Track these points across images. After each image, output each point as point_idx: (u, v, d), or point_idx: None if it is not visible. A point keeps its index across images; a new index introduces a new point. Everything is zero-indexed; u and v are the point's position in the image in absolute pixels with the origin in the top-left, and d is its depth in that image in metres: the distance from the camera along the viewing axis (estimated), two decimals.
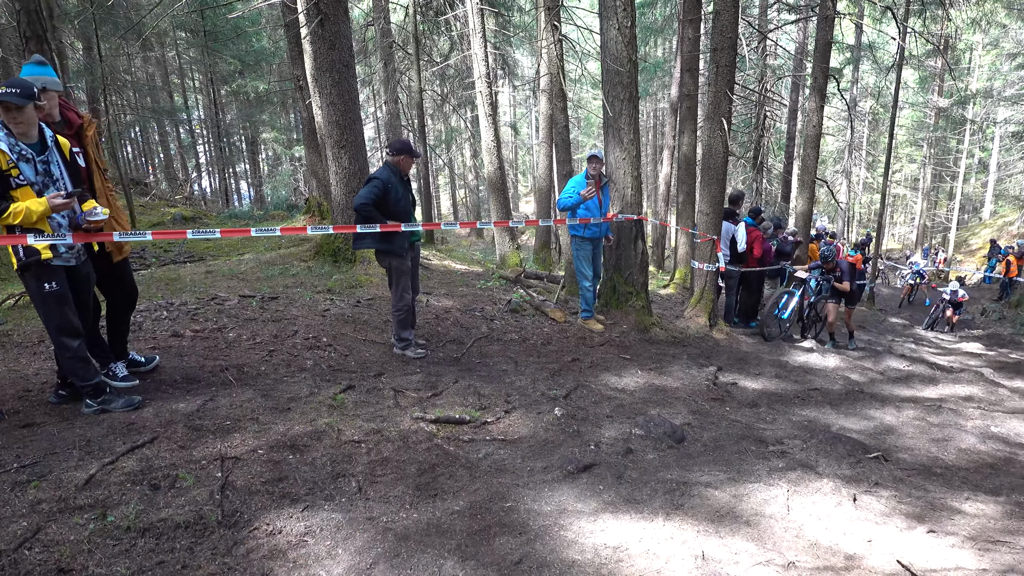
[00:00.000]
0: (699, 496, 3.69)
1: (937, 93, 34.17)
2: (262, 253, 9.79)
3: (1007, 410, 6.67)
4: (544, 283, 10.32)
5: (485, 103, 12.64)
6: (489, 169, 13.26)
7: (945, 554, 3.21)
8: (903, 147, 39.41)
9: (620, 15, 7.76)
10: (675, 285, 12.66)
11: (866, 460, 4.57)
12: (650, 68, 23.86)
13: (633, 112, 8.12)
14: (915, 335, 13.26)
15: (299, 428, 3.90)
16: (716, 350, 8.21)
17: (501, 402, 4.99)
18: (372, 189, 5.60)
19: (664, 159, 19.14)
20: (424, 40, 19.43)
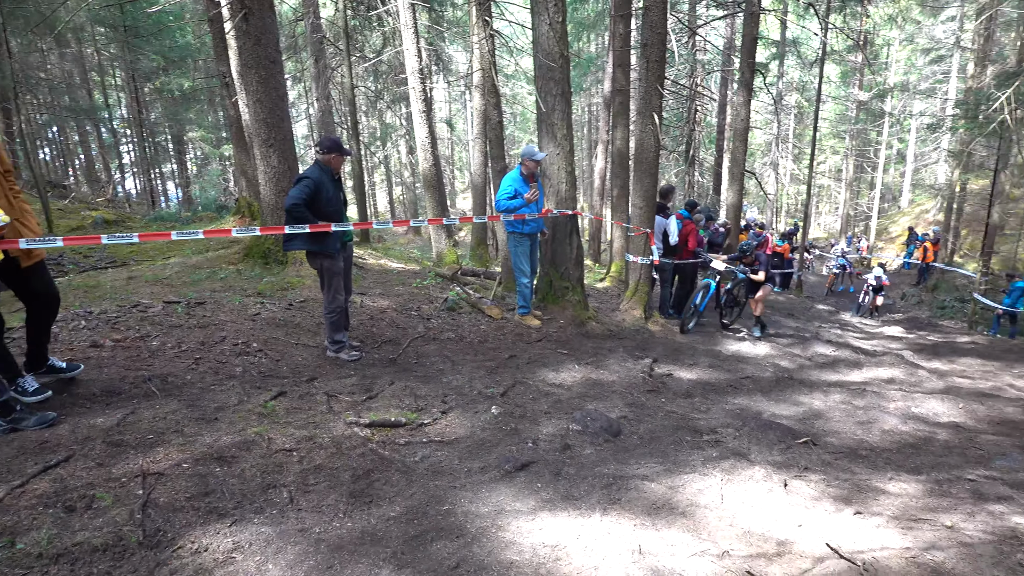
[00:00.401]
0: (636, 489, 3.72)
1: (858, 87, 35.55)
2: (189, 256, 9.46)
3: (926, 391, 6.97)
4: (481, 280, 10.28)
5: (418, 99, 12.51)
6: (424, 166, 13.14)
7: (871, 535, 3.31)
8: (827, 139, 40.88)
9: (551, 11, 7.77)
10: (611, 278, 12.80)
11: (796, 446, 4.70)
12: (583, 63, 24.05)
13: (566, 107, 8.16)
14: (841, 321, 13.74)
15: (227, 439, 3.76)
16: (651, 342, 8.33)
17: (438, 403, 4.93)
18: (302, 189, 5.46)
19: (599, 153, 19.33)
20: (356, 35, 19.13)
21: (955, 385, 7.35)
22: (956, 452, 4.89)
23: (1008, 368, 8.48)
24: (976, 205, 26.83)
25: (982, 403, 6.42)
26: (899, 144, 39.39)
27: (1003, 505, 3.73)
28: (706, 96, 22.88)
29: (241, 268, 8.30)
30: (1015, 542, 3.20)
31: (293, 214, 5.41)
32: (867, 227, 36.75)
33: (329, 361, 5.76)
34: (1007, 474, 4.36)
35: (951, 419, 5.87)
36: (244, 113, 11.48)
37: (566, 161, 8.24)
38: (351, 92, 15.28)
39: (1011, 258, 22.82)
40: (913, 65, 36.74)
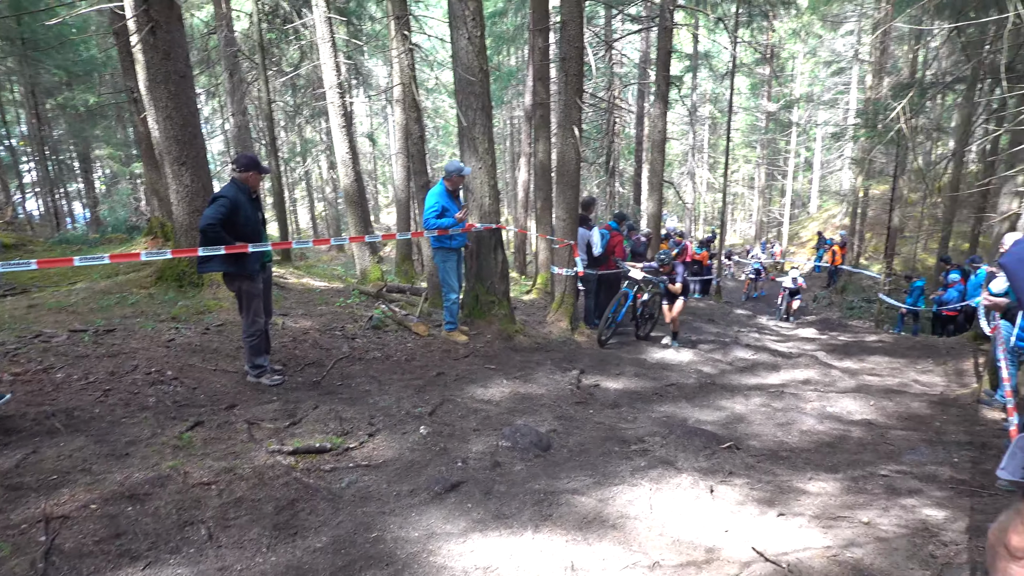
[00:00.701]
0: (567, 504, 3.73)
1: (766, 98, 37.07)
2: (97, 281, 8.99)
3: (839, 390, 7.27)
4: (407, 296, 10.16)
5: (338, 114, 12.31)
6: (345, 182, 12.93)
7: (795, 536, 3.41)
8: (739, 149, 42.37)
9: (470, 25, 7.79)
10: (537, 290, 12.86)
11: (720, 451, 4.81)
12: (504, 76, 24.23)
13: (487, 121, 8.18)
14: (758, 324, 14.21)
15: (139, 475, 3.57)
16: (578, 353, 8.40)
17: (364, 425, 4.83)
18: (218, 208, 5.28)
19: (521, 166, 19.46)
20: (272, 49, 18.72)
21: (866, 383, 7.69)
22: (869, 449, 5.11)
23: (913, 364, 8.94)
24: (878, 209, 28.34)
25: (891, 399, 6.74)
26: (806, 152, 41.33)
27: (914, 498, 3.91)
28: (624, 108, 23.42)
29: (154, 292, 7.94)
30: (926, 534, 3.35)
31: (208, 235, 5.22)
32: (780, 233, 38.30)
33: (250, 387, 5.56)
34: (916, 468, 4.58)
35: (863, 416, 6.13)
36: (153, 130, 11.06)
37: (489, 175, 8.26)
38: (268, 107, 14.94)
39: (911, 259, 24.18)
40: (817, 77, 38.63)
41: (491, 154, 8.28)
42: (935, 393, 7.19)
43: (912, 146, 20.43)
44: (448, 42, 8.50)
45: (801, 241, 35.12)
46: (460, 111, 8.11)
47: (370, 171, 40.68)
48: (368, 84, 26.43)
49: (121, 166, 26.08)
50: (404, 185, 13.99)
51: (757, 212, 40.18)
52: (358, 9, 19.97)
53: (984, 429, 5.64)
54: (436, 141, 43.22)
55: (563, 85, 9.45)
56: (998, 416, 5.98)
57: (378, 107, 41.26)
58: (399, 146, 13.36)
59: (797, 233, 37.23)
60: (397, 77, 11.35)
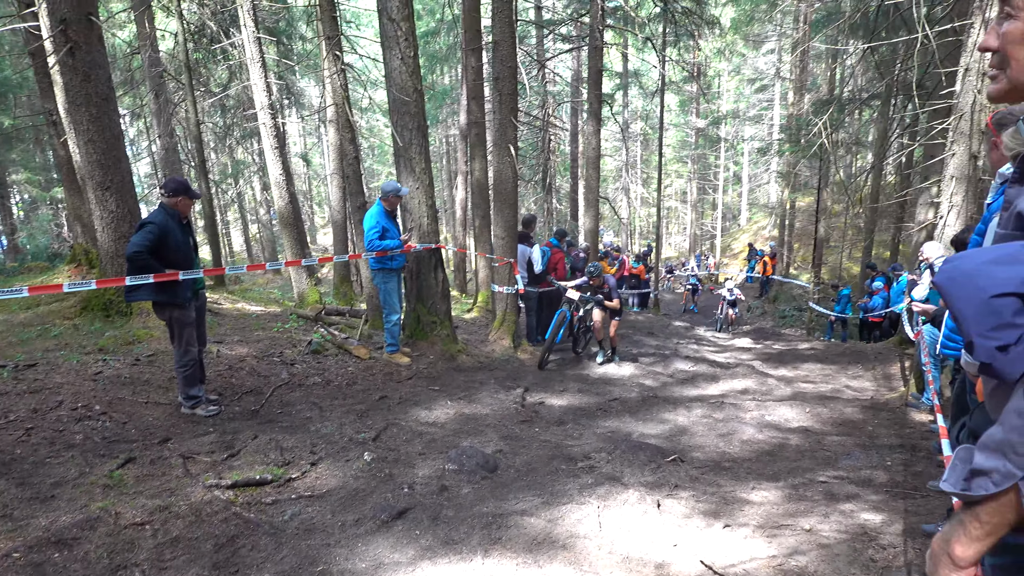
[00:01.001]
0: (516, 526, 3.70)
1: (695, 115, 38.20)
2: (16, 313, 8.56)
3: (776, 398, 7.46)
4: (347, 319, 10.00)
5: (270, 135, 12.08)
6: (280, 204, 12.68)
7: (740, 547, 3.46)
8: (671, 164, 43.42)
9: (402, 46, 7.77)
10: (478, 308, 12.85)
11: (665, 464, 4.87)
12: (438, 96, 24.27)
13: (423, 141, 8.16)
14: (696, 336, 14.50)
15: (66, 518, 3.39)
16: (522, 371, 8.41)
17: (306, 454, 4.71)
18: (146, 235, 5.10)
19: (459, 184, 19.47)
20: (199, 69, 18.28)
21: (801, 391, 7.92)
22: (807, 456, 5.25)
23: (844, 370, 9.26)
24: (805, 221, 29.38)
25: (825, 406, 6.95)
26: (735, 167, 42.71)
27: (852, 503, 4.03)
28: (558, 126, 23.73)
29: (78, 323, 7.60)
30: (865, 538, 3.45)
31: (136, 263, 5.04)
32: (713, 245, 39.33)
33: (184, 419, 5.36)
34: (852, 472, 4.73)
35: (800, 424, 6.31)
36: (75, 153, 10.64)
37: (426, 195, 8.23)
38: (196, 128, 14.56)
39: (837, 268, 25.10)
40: (742, 94, 40.03)
41: (428, 174, 8.25)
42: (866, 398, 7.45)
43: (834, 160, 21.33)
44: (381, 61, 8.46)
45: (733, 253, 36.12)
46: (395, 131, 8.06)
47: (305, 192, 40.08)
48: (300, 104, 26.04)
49: (40, 191, 24.98)
50: (340, 206, 13.81)
51: (691, 225, 41.20)
52: (288, 29, 19.73)
53: (913, 432, 5.86)
54: (372, 161, 42.91)
55: (497, 104, 9.52)
56: (925, 419, 6.23)
57: (311, 127, 40.73)
58: (334, 167, 13.21)
59: (729, 245, 38.31)
60: (330, 98, 11.23)
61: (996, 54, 1.24)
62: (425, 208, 8.20)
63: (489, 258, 10.83)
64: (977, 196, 7.36)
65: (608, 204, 23.03)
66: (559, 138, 23.98)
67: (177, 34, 14.56)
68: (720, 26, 20.67)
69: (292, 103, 24.00)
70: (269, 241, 27.46)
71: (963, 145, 7.19)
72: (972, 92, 7.05)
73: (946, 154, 7.53)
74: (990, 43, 1.25)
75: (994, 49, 1.24)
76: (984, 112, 6.99)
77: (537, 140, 22.57)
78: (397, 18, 7.66)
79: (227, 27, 15.98)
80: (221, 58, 18.06)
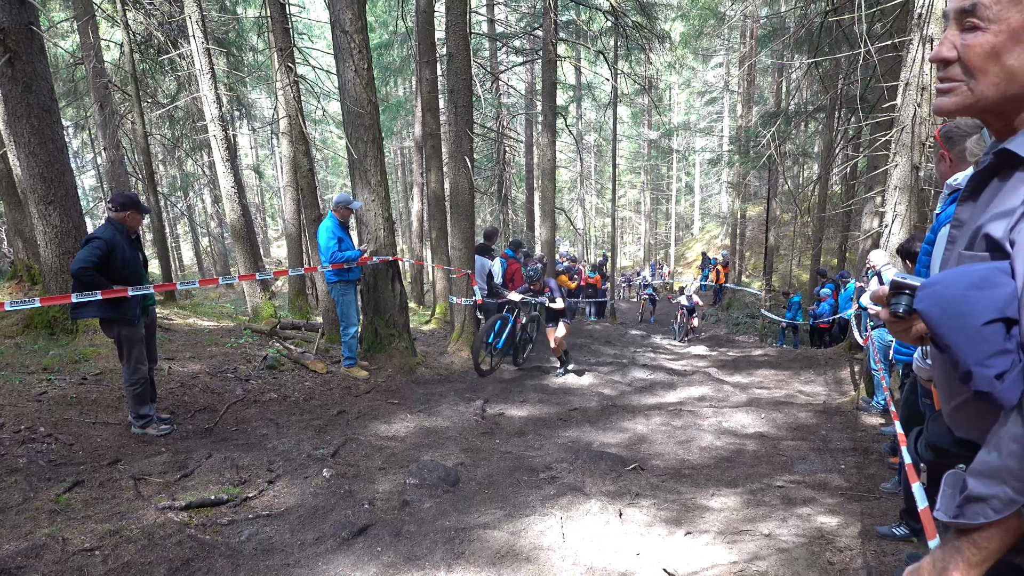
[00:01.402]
0: (479, 540, 3.68)
1: (647, 127, 38.83)
2: None
3: (733, 405, 7.58)
4: (303, 333, 9.85)
5: (221, 147, 11.87)
6: (232, 217, 12.44)
7: (702, 553, 3.50)
8: (625, 175, 44.05)
9: (356, 57, 7.73)
10: (436, 320, 12.79)
11: (626, 473, 4.90)
12: (392, 107, 24.19)
13: (378, 153, 8.11)
14: (653, 344, 14.66)
15: (10, 546, 3.25)
16: (481, 382, 8.38)
17: (263, 472, 4.61)
18: (92, 251, 4.95)
19: (415, 196, 19.42)
20: (146, 80, 17.89)
21: (756, 397, 8.07)
22: (764, 461, 5.34)
23: (796, 376, 9.46)
24: (755, 230, 30.05)
25: (780, 411, 7.09)
26: (687, 177, 43.52)
27: (809, 507, 4.11)
28: (513, 138, 23.83)
29: (21, 341, 7.33)
30: (823, 542, 3.52)
31: (82, 279, 4.89)
32: (667, 254, 39.94)
33: (135, 439, 5.20)
34: (808, 476, 4.82)
35: (756, 430, 6.42)
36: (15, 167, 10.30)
37: (382, 207, 8.18)
38: (144, 140, 14.24)
39: (787, 275, 25.71)
40: (692, 106, 40.87)
41: (384, 186, 8.21)
42: (819, 402, 7.63)
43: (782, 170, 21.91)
44: (334, 73, 8.40)
45: (687, 261, 36.73)
46: (350, 144, 8.01)
47: (258, 204, 39.46)
48: (252, 116, 25.66)
49: None
50: (295, 219, 13.63)
51: (645, 235, 41.80)
52: (239, 40, 19.47)
53: (864, 435, 6.02)
54: (326, 172, 42.50)
55: (453, 116, 9.53)
56: (876, 421, 6.40)
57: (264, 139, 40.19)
58: (288, 179, 13.05)
59: (683, 254, 38.96)
60: (283, 110, 11.10)
61: (953, 65, 1.21)
62: (381, 220, 8.14)
63: (447, 270, 10.81)
64: (919, 205, 7.63)
65: (564, 215, 23.17)
66: (514, 150, 24.09)
67: (123, 44, 14.24)
68: (670, 40, 21.09)
69: (244, 115, 23.64)
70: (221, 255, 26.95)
71: (905, 157, 7.45)
72: (912, 106, 7.31)
73: (889, 165, 7.79)
74: (945, 54, 1.21)
75: (951, 60, 1.20)
76: (924, 125, 7.26)
77: (492, 152, 22.63)
78: (350, 30, 7.63)
79: (175, 38, 15.67)
80: (169, 69, 17.69)
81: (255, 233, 19.99)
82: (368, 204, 8.05)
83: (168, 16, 15.27)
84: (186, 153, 22.14)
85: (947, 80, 1.22)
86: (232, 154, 12.61)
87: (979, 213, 1.21)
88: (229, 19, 17.85)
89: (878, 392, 6.76)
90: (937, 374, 1.30)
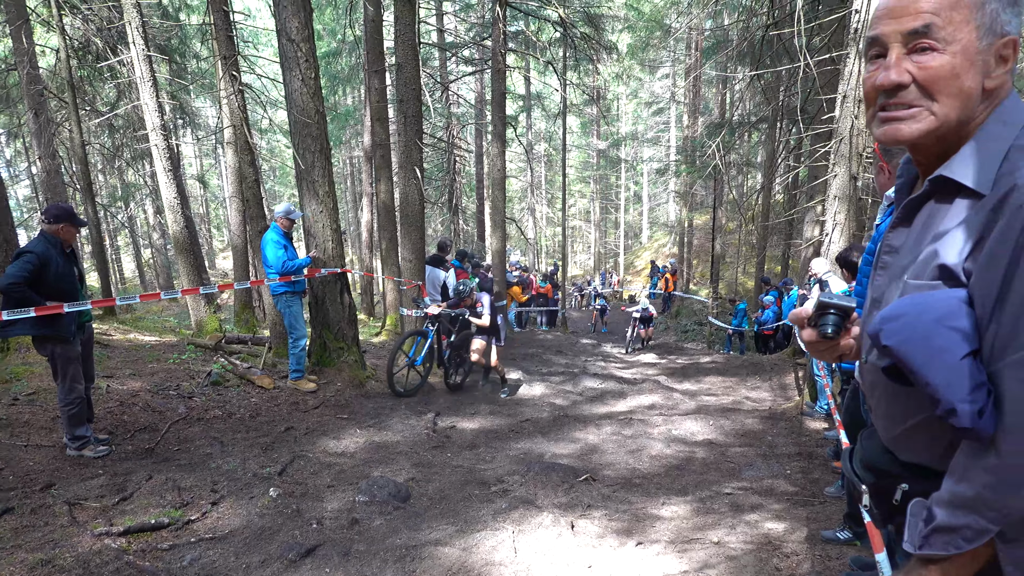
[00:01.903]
0: (431, 557, 3.63)
1: (596, 136, 39.30)
2: None
3: (682, 412, 7.68)
4: (249, 347, 9.63)
5: (163, 157, 11.56)
6: (175, 228, 12.12)
7: (653, 564, 3.52)
8: (575, 184, 44.50)
9: (303, 66, 7.63)
10: (387, 332, 12.66)
11: (578, 484, 4.90)
12: (341, 117, 23.96)
13: (326, 163, 8.01)
14: (604, 353, 14.76)
15: None
16: (432, 395, 8.32)
17: (207, 493, 4.47)
18: (23, 266, 4.75)
19: (364, 206, 19.24)
20: (84, 87, 17.33)
21: (704, 404, 8.19)
22: (713, 468, 5.42)
23: (743, 382, 9.64)
24: (702, 238, 30.63)
25: (727, 418, 7.21)
26: (635, 187, 44.20)
27: (756, 513, 4.17)
28: (463, 148, 23.85)
29: None
30: (771, 548, 3.58)
31: (12, 295, 4.69)
32: (616, 263, 40.41)
33: (70, 461, 4.99)
34: (755, 483, 4.90)
35: (705, 437, 6.51)
36: None
37: (331, 218, 8.06)
38: (82, 149, 13.78)
39: (733, 283, 26.25)
40: (640, 117, 41.54)
41: (332, 197, 8.10)
42: (764, 409, 7.78)
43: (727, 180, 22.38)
44: (280, 82, 8.27)
45: (636, 270, 37.20)
46: (297, 154, 7.88)
47: (202, 215, 38.57)
48: (196, 124, 25.07)
49: None
50: (241, 230, 13.35)
51: (595, 244, 42.24)
52: (181, 47, 19.03)
53: (809, 440, 6.16)
54: (273, 182, 41.82)
55: (402, 126, 9.48)
56: (820, 426, 6.56)
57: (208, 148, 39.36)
58: (233, 189, 12.78)
59: (632, 262, 39.45)
60: (227, 119, 10.88)
61: (906, 90, 1.15)
62: (330, 232, 8.03)
63: (397, 281, 10.72)
64: (858, 214, 7.88)
65: (515, 224, 23.25)
66: (464, 159, 24.10)
67: (59, 50, 13.78)
68: (618, 51, 21.41)
69: (187, 123, 23.08)
70: (164, 267, 26.20)
71: (844, 167, 7.68)
72: (850, 117, 7.55)
73: (829, 175, 8.02)
74: (896, 78, 1.15)
75: (905, 84, 1.15)
76: (861, 137, 7.50)
77: (442, 161, 22.60)
78: (297, 39, 7.52)
79: (114, 44, 15.23)
80: (108, 76, 17.19)
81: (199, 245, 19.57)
82: (316, 215, 7.93)
83: (107, 22, 14.85)
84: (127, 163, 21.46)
85: (902, 106, 1.16)
86: (175, 164, 12.30)
87: (916, 240, 1.20)
88: (171, 25, 17.43)
89: (821, 397, 6.93)
90: (880, 396, 1.28)
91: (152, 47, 12.55)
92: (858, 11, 7.38)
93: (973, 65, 1.12)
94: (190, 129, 24.35)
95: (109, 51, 15.00)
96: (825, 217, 8.15)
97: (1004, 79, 1.15)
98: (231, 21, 10.50)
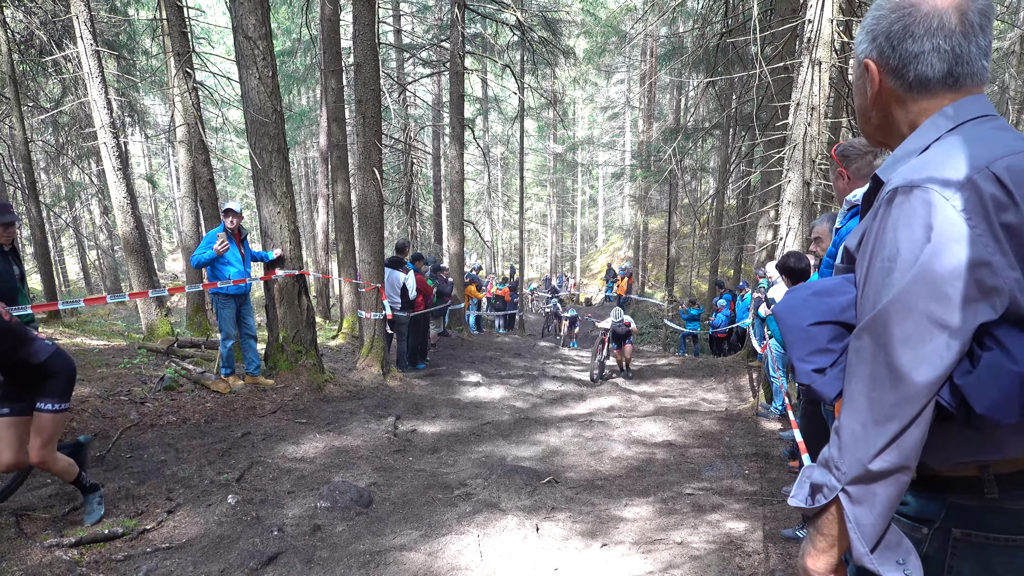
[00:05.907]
0: (395, 563, 3.59)
1: (553, 140, 39.51)
2: None
3: (641, 414, 7.76)
4: (202, 351, 9.40)
5: (112, 156, 11.21)
6: (124, 229, 11.76)
7: (618, 565, 3.54)
8: (531, 188, 44.63)
9: (260, 64, 7.49)
10: (343, 335, 12.50)
11: (541, 486, 4.91)
12: (296, 117, 23.63)
13: (284, 164, 7.88)
14: (562, 356, 14.84)
15: None
16: (392, 398, 8.25)
17: (162, 501, 4.35)
18: None
19: (320, 208, 18.97)
20: (27, 83, 16.73)
21: (663, 406, 8.29)
22: (674, 469, 5.48)
23: (699, 384, 9.79)
24: (657, 242, 31.01)
25: (686, 419, 7.31)
26: (591, 190, 44.59)
27: (717, 513, 4.23)
28: (421, 150, 23.70)
29: None
30: (732, 547, 3.63)
31: None
32: (573, 266, 40.66)
33: None
34: (715, 483, 4.98)
35: (664, 438, 6.59)
36: None
37: (288, 219, 7.93)
38: (25, 147, 13.30)
39: (688, 286, 26.64)
40: (596, 121, 41.93)
41: (290, 197, 7.97)
42: (721, 410, 7.91)
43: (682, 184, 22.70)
44: (236, 80, 8.10)
45: (592, 273, 37.51)
46: (254, 154, 7.73)
47: (151, 215, 37.61)
48: (146, 123, 24.40)
49: None
50: (193, 231, 13.03)
51: (552, 247, 42.39)
52: (130, 43, 18.55)
53: (765, 440, 6.28)
54: (225, 183, 41.00)
55: (361, 127, 9.37)
56: (775, 427, 6.69)
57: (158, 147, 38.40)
58: (186, 189, 12.46)
59: (588, 266, 39.76)
60: (180, 117, 10.64)
61: None
62: (287, 233, 7.90)
63: (355, 283, 10.59)
64: (810, 219, 8.06)
65: (472, 227, 23.22)
66: (422, 161, 23.95)
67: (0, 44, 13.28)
68: (575, 56, 21.53)
69: (136, 121, 22.45)
70: (111, 269, 25.46)
71: (797, 173, 7.86)
72: (803, 125, 7.73)
73: (783, 181, 8.20)
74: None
75: None
76: (814, 143, 7.69)
77: (400, 163, 22.42)
78: (254, 36, 7.39)
79: (59, 38, 14.76)
80: (53, 71, 16.63)
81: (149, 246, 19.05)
82: (274, 216, 7.79)
83: (52, 15, 14.39)
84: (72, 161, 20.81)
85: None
86: (124, 162, 11.95)
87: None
88: (120, 20, 16.96)
89: (776, 398, 7.08)
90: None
91: (100, 42, 12.17)
92: (811, 21, 7.56)
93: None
94: (139, 127, 23.71)
95: (54, 45, 14.54)
96: (779, 222, 8.32)
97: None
98: (185, 17, 10.27)
